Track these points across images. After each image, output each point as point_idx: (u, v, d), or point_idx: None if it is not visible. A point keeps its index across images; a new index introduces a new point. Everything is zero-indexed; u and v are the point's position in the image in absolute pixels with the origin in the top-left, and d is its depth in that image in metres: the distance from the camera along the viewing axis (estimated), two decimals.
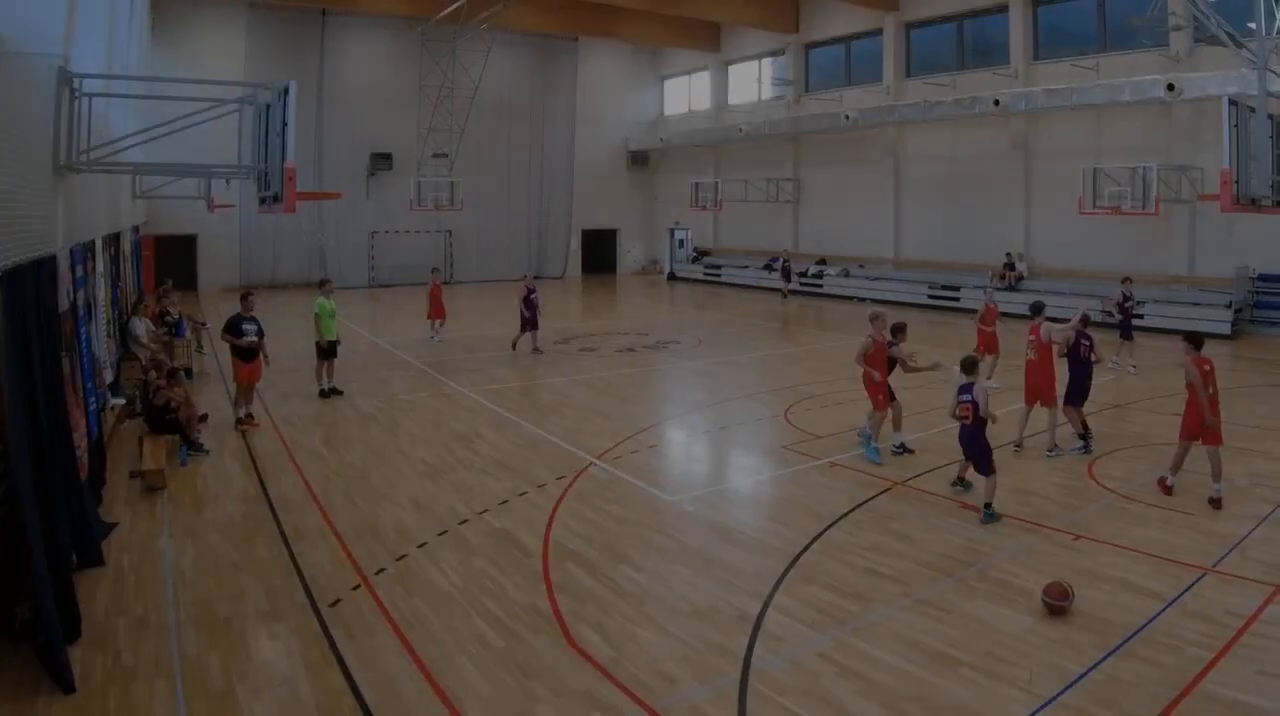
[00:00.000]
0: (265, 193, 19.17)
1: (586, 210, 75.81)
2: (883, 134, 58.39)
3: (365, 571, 14.47)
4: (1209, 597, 13.17)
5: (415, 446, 22.55)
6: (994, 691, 10.78)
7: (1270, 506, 17.26)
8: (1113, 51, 45.48)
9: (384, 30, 64.03)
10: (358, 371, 31.75)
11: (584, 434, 23.63)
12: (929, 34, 56.61)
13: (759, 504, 18.88)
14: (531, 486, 19.14)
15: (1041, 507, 17.44)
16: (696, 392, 29.02)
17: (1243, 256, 40.57)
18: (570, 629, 12.47)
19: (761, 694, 10.79)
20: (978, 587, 13.77)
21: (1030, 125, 50.07)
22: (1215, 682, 10.79)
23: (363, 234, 65.40)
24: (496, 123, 69.28)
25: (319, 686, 10.95)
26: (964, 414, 17.05)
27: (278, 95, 18.67)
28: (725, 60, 72.73)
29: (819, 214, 64.99)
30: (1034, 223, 50.38)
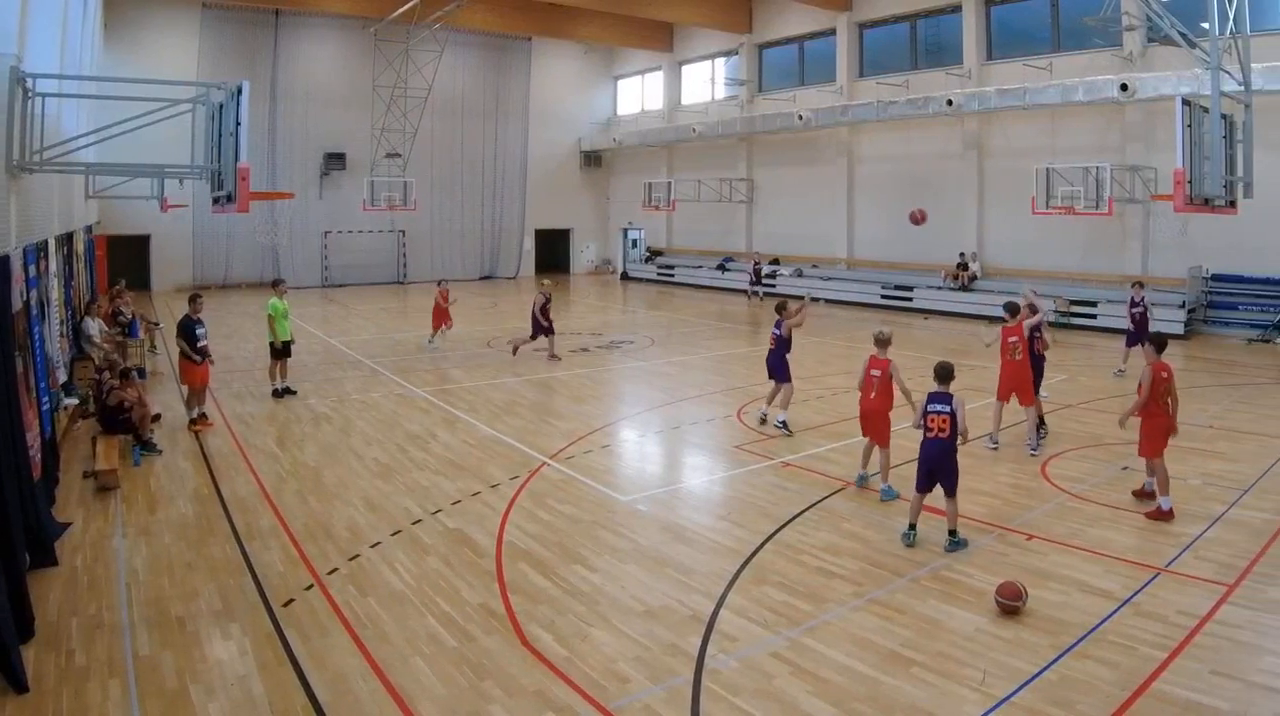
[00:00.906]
0: (218, 192, 19.17)
1: (540, 210, 75.83)
2: (836, 134, 58.62)
3: (318, 571, 14.47)
4: (1162, 598, 13.25)
5: (368, 446, 22.53)
6: (947, 691, 10.84)
7: (1223, 506, 17.39)
8: (1066, 51, 45.77)
9: (337, 30, 63.96)
10: (311, 371, 31.67)
11: (537, 434, 23.66)
12: (882, 34, 56.84)
13: (712, 503, 18.83)
14: (485, 486, 19.15)
15: (995, 508, 17.53)
16: (650, 392, 29.04)
17: (1196, 256, 40.77)
18: (523, 628, 12.49)
19: (715, 693, 10.83)
20: (931, 587, 13.82)
21: (983, 125, 50.31)
22: (1168, 682, 10.88)
23: (316, 234, 65.28)
24: (450, 122, 69.42)
25: (272, 686, 10.95)
26: (940, 427, 15.65)
27: (231, 95, 18.68)
28: (679, 60, 72.84)
29: (772, 214, 65.15)
30: (987, 223, 50.62)
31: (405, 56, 60.31)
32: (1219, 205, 25.88)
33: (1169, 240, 40.39)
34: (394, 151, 62.41)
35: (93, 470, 19.33)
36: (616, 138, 74.96)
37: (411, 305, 55.83)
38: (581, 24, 65.91)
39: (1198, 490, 18.51)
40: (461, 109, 70.40)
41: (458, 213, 71.46)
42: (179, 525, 16.79)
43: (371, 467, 20.65)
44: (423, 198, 64.48)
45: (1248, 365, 33.39)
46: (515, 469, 20.43)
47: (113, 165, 23.80)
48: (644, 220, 75.48)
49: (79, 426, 23.99)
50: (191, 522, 16.98)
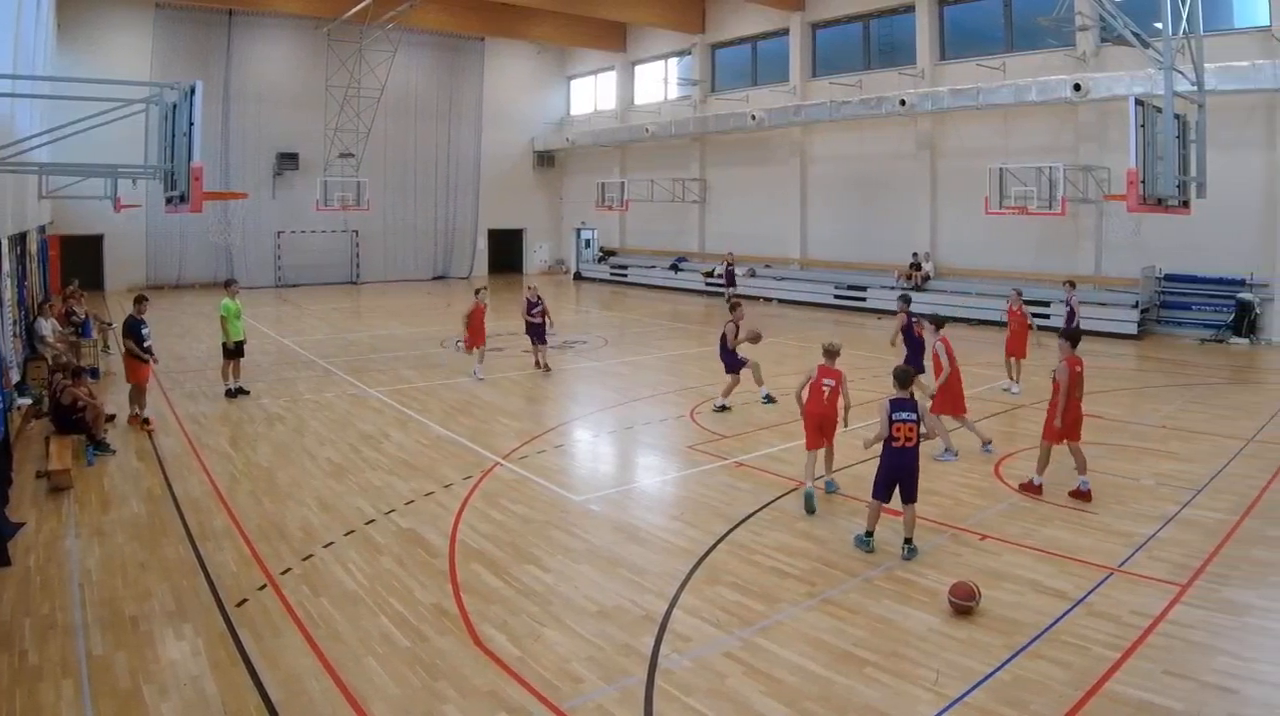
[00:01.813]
0: (172, 192, 19.10)
1: (493, 210, 75.86)
2: (789, 134, 58.76)
3: (271, 571, 14.44)
4: (1115, 598, 13.31)
5: (322, 446, 22.50)
6: (900, 691, 10.87)
7: (1176, 506, 17.46)
8: (1019, 51, 45.98)
9: (290, 30, 63.87)
10: (264, 371, 31.60)
11: (490, 434, 23.68)
12: (835, 34, 56.99)
13: (665, 504, 18.84)
14: (438, 486, 19.16)
15: (948, 508, 17.59)
16: (603, 392, 29.03)
17: (1149, 256, 41.01)
18: (476, 629, 12.51)
19: (668, 693, 10.87)
20: (884, 587, 13.86)
21: (937, 125, 50.47)
22: (1122, 682, 10.93)
23: (269, 234, 65.16)
24: (403, 123, 69.42)
25: (225, 685, 10.95)
26: (908, 435, 15.18)
27: (184, 95, 18.62)
28: (631, 60, 72.95)
29: (725, 214, 65.32)
30: (940, 223, 50.78)
31: (358, 56, 60.22)
32: (1172, 205, 25.98)
33: (1122, 240, 40.64)
34: (347, 151, 62.37)
35: (46, 470, 19.24)
36: (569, 138, 75.01)
37: (364, 305, 55.94)
38: (534, 24, 65.93)
39: (1151, 490, 18.62)
40: (415, 109, 70.42)
41: (411, 213, 71.47)
42: (132, 525, 16.75)
43: (325, 467, 20.62)
44: (376, 198, 64.49)
45: (1200, 365, 33.54)
46: (468, 469, 20.42)
47: (66, 165, 23.72)
48: (597, 220, 75.54)
49: (32, 426, 23.89)
50: (145, 523, 16.93)
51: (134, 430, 23.76)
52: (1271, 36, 36.18)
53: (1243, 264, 38.65)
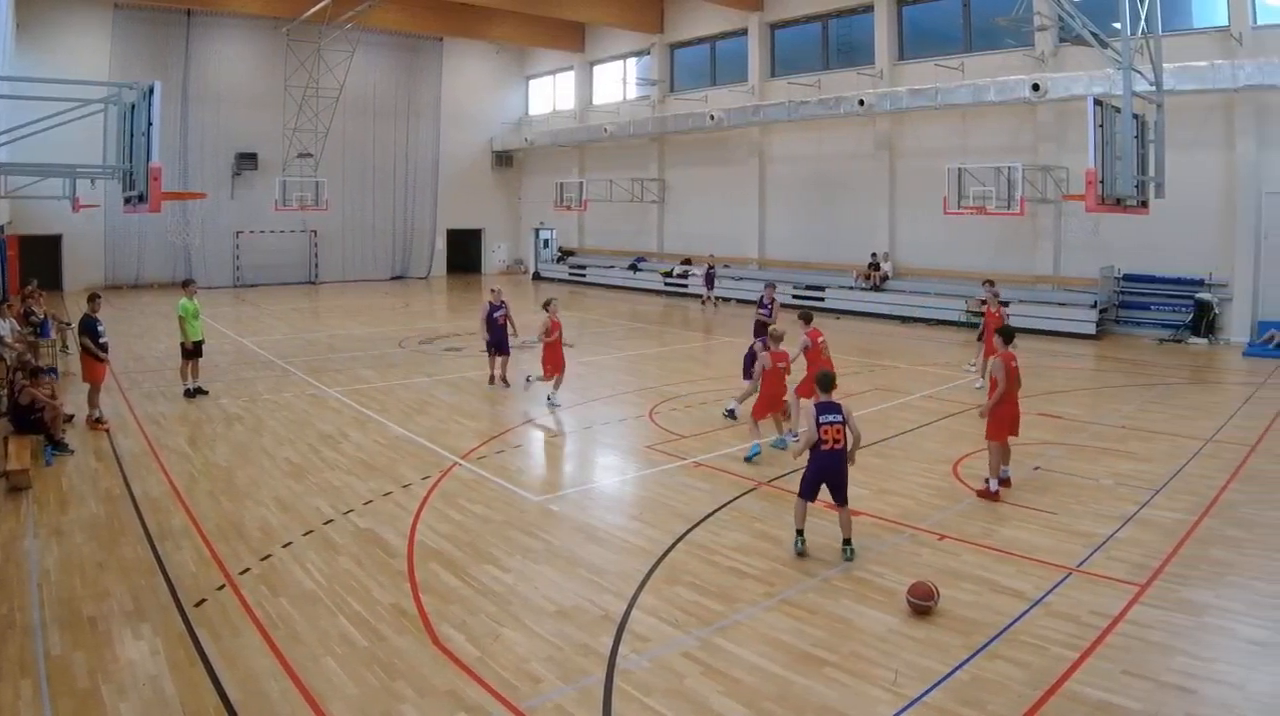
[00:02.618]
0: (130, 192, 19.05)
1: (451, 210, 75.93)
2: (748, 134, 58.90)
3: (230, 571, 14.40)
4: (1074, 598, 13.35)
5: (280, 446, 22.44)
6: (859, 691, 10.88)
7: (1134, 506, 17.54)
8: (978, 51, 46.22)
9: (249, 30, 63.70)
10: (223, 371, 31.50)
11: (449, 434, 23.67)
12: (794, 34, 57.14)
13: (624, 504, 18.88)
14: (396, 486, 19.14)
15: (907, 508, 17.62)
16: (561, 392, 28.73)
17: (1108, 256, 41.17)
18: (435, 628, 12.49)
19: (626, 693, 10.87)
20: (842, 587, 13.87)
21: (895, 125, 50.64)
22: (1080, 682, 10.96)
23: (227, 234, 64.99)
24: (361, 122, 69.36)
25: (184, 685, 10.91)
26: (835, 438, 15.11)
27: (143, 95, 18.57)
28: (590, 60, 73.00)
29: (684, 214, 65.56)
30: (899, 222, 50.95)
31: (317, 56, 59.96)
32: (1131, 205, 26.07)
33: (1081, 240, 40.81)
34: (306, 151, 62.14)
35: (4, 470, 19.14)
36: (528, 138, 75.04)
37: (323, 305, 55.89)
38: (493, 24, 65.95)
39: (1110, 490, 18.70)
40: (373, 109, 70.37)
41: (369, 213, 71.44)
42: (91, 525, 16.69)
43: (283, 467, 20.56)
44: (334, 198, 64.46)
45: (1159, 365, 33.67)
46: (427, 469, 20.42)
47: (24, 165, 23.65)
48: (556, 220, 75.38)
49: None
50: (103, 523, 16.87)
51: (92, 430, 23.65)
52: (1230, 37, 36.42)
53: (1201, 264, 38.83)
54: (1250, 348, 36.33)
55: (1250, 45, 35.97)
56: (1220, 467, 20.23)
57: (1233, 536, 15.92)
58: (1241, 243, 37.72)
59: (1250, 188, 37.26)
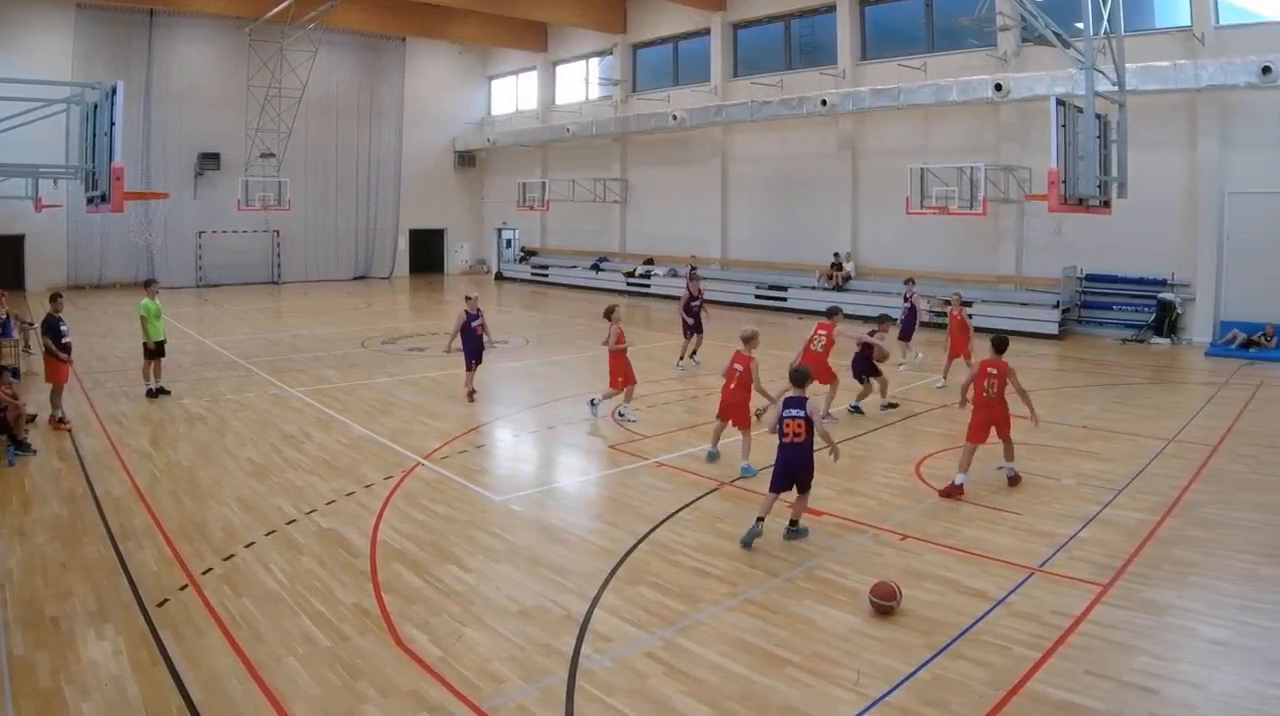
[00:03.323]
0: (93, 192, 19.03)
1: (414, 210, 75.86)
2: (710, 134, 58.95)
3: (193, 571, 14.36)
4: (1036, 598, 13.38)
5: (243, 446, 22.40)
6: (822, 691, 10.90)
7: (1097, 506, 17.58)
8: (941, 51, 46.30)
9: (212, 30, 63.50)
10: (185, 371, 31.44)
11: (411, 434, 23.65)
12: (756, 34, 57.21)
13: (586, 504, 18.94)
14: (359, 486, 19.12)
15: (869, 507, 17.63)
16: (524, 392, 29.03)
17: (1070, 256, 41.35)
18: (397, 629, 12.49)
19: (589, 693, 10.87)
20: (805, 587, 13.89)
21: (858, 125, 50.69)
22: (1042, 682, 10.99)
23: (190, 234, 64.83)
24: (324, 123, 69.28)
25: (147, 686, 10.89)
26: (795, 432, 15.59)
27: (105, 95, 18.56)
28: (553, 60, 73.04)
29: (646, 214, 65.69)
30: (861, 223, 51.01)
31: (279, 56, 59.83)
32: (1093, 205, 26.15)
33: (1043, 240, 41.04)
34: (268, 151, 62.07)
35: None
36: (490, 138, 75.09)
37: (285, 305, 55.86)
38: (456, 24, 65.97)
39: (1072, 490, 18.76)
40: (336, 109, 70.30)
41: (332, 213, 71.35)
42: (53, 525, 16.64)
43: (246, 467, 20.53)
44: (297, 198, 64.38)
45: (1121, 365, 33.80)
46: (389, 469, 20.41)
47: None
48: (518, 220, 75.50)
49: None
50: (65, 522, 16.82)
51: (55, 430, 23.58)
52: (1192, 36, 36.57)
53: (1164, 264, 39.02)
54: (1212, 348, 36.49)
55: (1213, 45, 36.12)
56: (1183, 468, 20.31)
57: (1195, 536, 15.98)
58: (1204, 243, 37.88)
59: (1213, 188, 37.41)
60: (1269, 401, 27.89)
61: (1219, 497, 18.25)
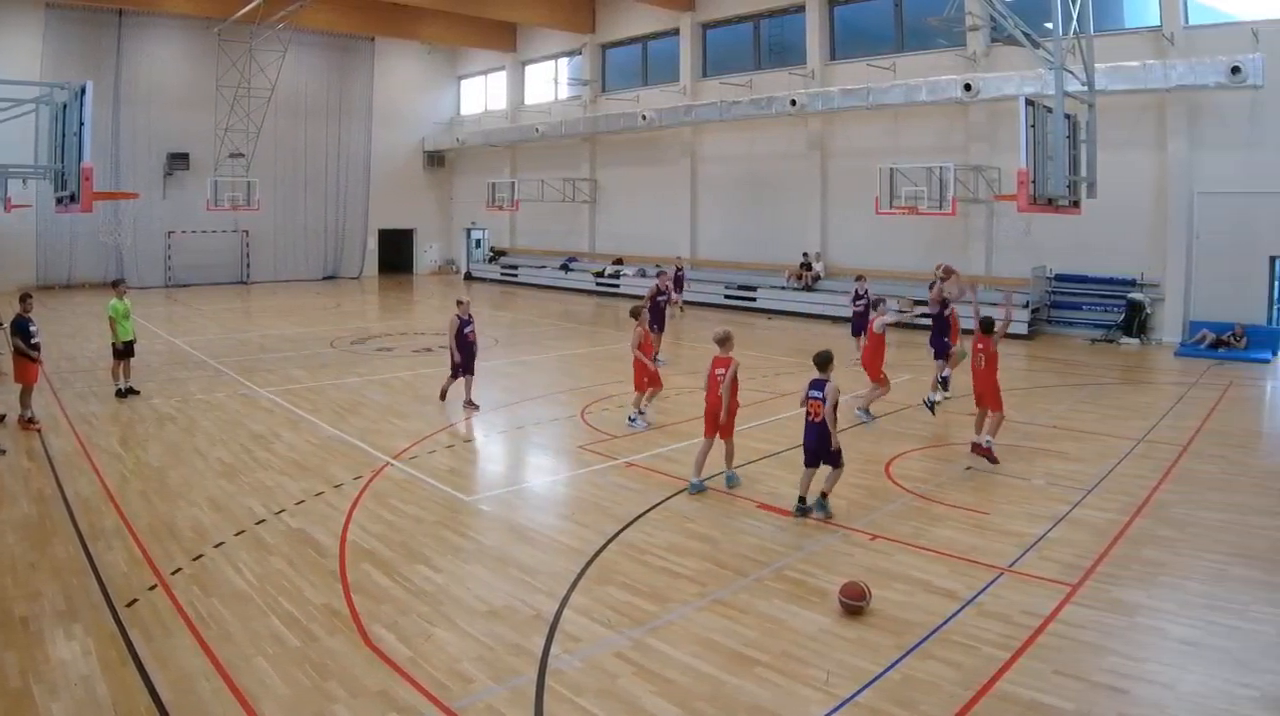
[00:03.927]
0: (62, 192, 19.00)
1: (383, 210, 75.81)
2: (679, 134, 59.01)
3: (162, 571, 14.33)
4: (1006, 598, 13.40)
5: (212, 446, 22.34)
6: (791, 691, 10.91)
7: (1066, 506, 17.63)
8: (910, 51, 46.44)
9: (181, 30, 63.35)
10: (155, 371, 31.35)
11: (381, 434, 23.64)
12: (726, 34, 57.30)
13: (556, 504, 18.93)
14: (328, 486, 19.11)
15: (838, 507, 17.51)
16: (493, 392, 28.82)
17: (1040, 256, 41.44)
18: (366, 629, 12.49)
19: (558, 693, 10.88)
20: (774, 587, 13.91)
21: (827, 125, 50.81)
22: (1012, 682, 11.01)
23: (159, 234, 64.64)
24: (293, 123, 69.24)
25: (116, 686, 10.87)
26: (815, 412, 16.93)
27: (74, 95, 18.54)
28: (522, 60, 73.09)
29: (616, 214, 65.70)
30: (831, 223, 51.11)
31: (249, 56, 59.60)
32: (1062, 205, 26.21)
33: (1013, 240, 41.15)
34: (237, 151, 61.85)
35: None
36: (460, 138, 75.14)
37: (255, 305, 55.79)
38: (425, 24, 65.95)
39: (1041, 490, 18.81)
40: (305, 109, 70.23)
41: (301, 213, 71.26)
42: (22, 525, 16.59)
43: (215, 467, 20.48)
44: (266, 198, 64.25)
45: (1091, 365, 33.90)
46: (358, 469, 20.40)
47: None
48: (487, 220, 75.56)
49: None
50: (35, 522, 16.77)
51: (24, 431, 23.51)
52: (1162, 37, 36.73)
53: (1133, 264, 39.18)
54: (1182, 348, 36.61)
55: (1182, 45, 36.27)
56: (1152, 468, 20.39)
57: (1164, 536, 16.04)
58: (1173, 243, 38.03)
59: (1182, 188, 37.54)
60: (1238, 401, 28.08)
61: (1188, 498, 18.31)
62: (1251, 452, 22.77)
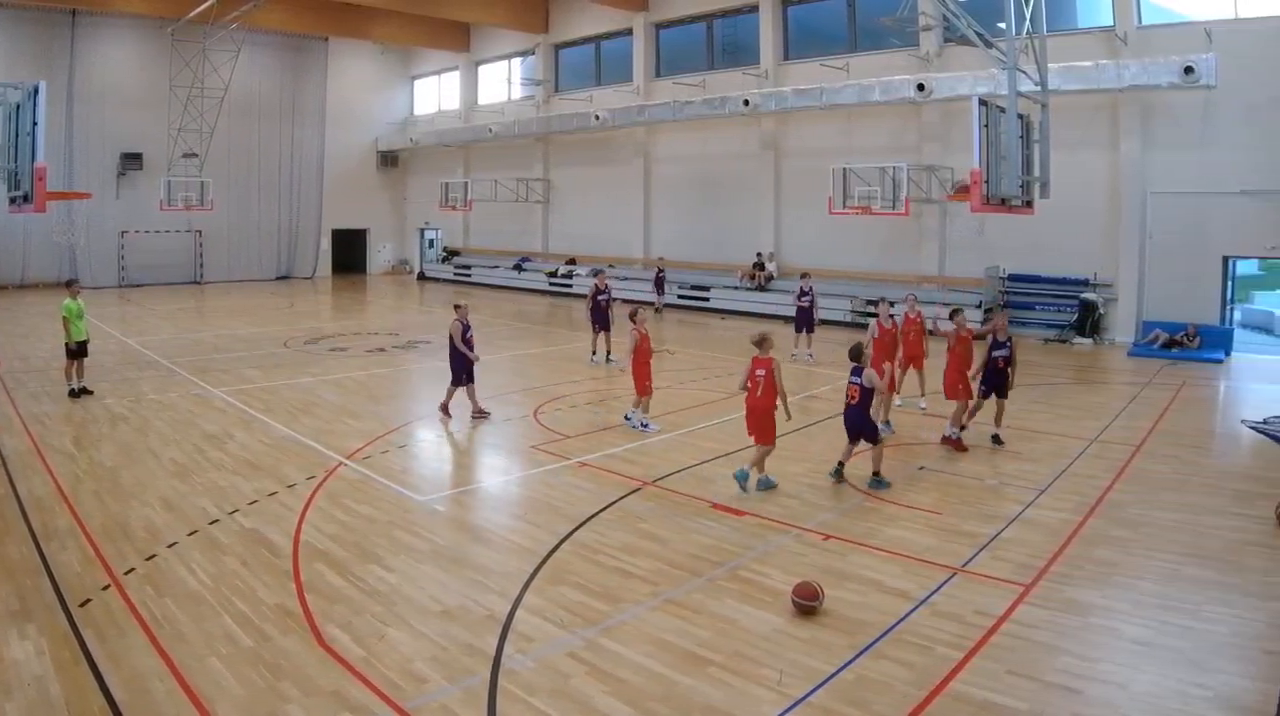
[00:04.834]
0: (15, 192, 18.92)
1: (337, 210, 75.76)
2: (633, 134, 59.17)
3: (115, 571, 14.29)
4: (959, 598, 13.46)
5: (166, 446, 22.26)
6: (744, 691, 10.93)
7: (1020, 506, 17.74)
8: (863, 52, 46.68)
9: (134, 30, 63.17)
10: (108, 371, 31.21)
11: (334, 434, 23.61)
12: (679, 34, 57.50)
13: (509, 504, 18.93)
14: (281, 486, 19.07)
15: (791, 508, 17.68)
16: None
17: (993, 256, 41.62)
18: (320, 629, 12.47)
19: (511, 693, 10.88)
20: (727, 587, 13.93)
21: (780, 125, 51.01)
22: (965, 682, 11.05)
23: (113, 234, 64.43)
24: (247, 122, 68.93)
25: (69, 686, 10.83)
26: (852, 395, 18.52)
27: (27, 95, 18.47)
28: (475, 60, 73.20)
29: (569, 214, 65.85)
30: (784, 222, 51.35)
31: (202, 56, 59.38)
32: (1016, 205, 26.30)
33: (966, 240, 41.00)
34: (191, 151, 61.46)
35: None
36: (413, 138, 75.20)
37: (208, 305, 55.64)
38: (378, 24, 65.90)
39: (995, 490, 18.96)
40: (258, 109, 70.02)
41: (254, 213, 71.12)
42: None
43: (169, 468, 20.40)
44: (219, 198, 63.83)
45: (1044, 365, 33.97)
46: (312, 469, 20.37)
47: None
48: (441, 220, 75.56)
49: None
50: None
51: None
52: (1115, 37, 36.97)
53: (1086, 264, 39.40)
54: (1135, 348, 36.92)
55: (1135, 45, 36.52)
56: (1105, 468, 20.52)
57: (1118, 536, 16.14)
58: (1126, 243, 38.27)
59: (1135, 188, 37.81)
60: (1191, 401, 28.25)
61: (1141, 498, 18.42)
62: (1204, 452, 22.90)
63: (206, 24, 56.33)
